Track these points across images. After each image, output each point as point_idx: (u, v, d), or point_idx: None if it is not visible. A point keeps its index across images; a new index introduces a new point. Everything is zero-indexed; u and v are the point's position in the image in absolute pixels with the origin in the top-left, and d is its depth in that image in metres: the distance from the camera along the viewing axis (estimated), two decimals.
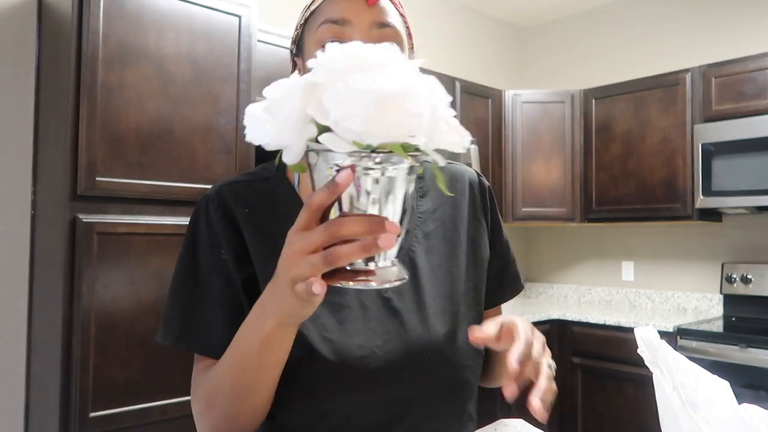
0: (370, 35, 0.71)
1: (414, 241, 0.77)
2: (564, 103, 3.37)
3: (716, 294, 3.10)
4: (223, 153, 1.97)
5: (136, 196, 1.77)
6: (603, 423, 2.86)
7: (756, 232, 2.99)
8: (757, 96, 2.69)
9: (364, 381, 0.68)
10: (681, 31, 3.33)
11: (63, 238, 1.67)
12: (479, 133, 3.23)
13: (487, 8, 3.82)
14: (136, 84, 1.79)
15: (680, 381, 0.62)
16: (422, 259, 0.76)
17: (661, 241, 3.34)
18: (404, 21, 0.77)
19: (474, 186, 0.85)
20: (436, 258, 0.77)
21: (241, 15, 2.03)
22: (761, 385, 2.35)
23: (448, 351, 0.72)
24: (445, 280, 0.76)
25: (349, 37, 0.69)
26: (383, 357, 0.69)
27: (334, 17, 0.70)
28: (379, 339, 0.70)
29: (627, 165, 3.14)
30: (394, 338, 0.70)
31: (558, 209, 3.35)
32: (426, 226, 0.78)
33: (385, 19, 0.72)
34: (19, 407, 1.96)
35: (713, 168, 2.76)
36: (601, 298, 3.58)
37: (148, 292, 1.77)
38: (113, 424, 1.69)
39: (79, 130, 1.68)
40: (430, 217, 0.79)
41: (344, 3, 0.70)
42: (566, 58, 3.88)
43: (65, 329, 1.65)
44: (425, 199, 0.80)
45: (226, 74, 1.99)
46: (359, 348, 0.69)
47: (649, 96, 3.06)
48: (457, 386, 0.74)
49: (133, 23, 1.78)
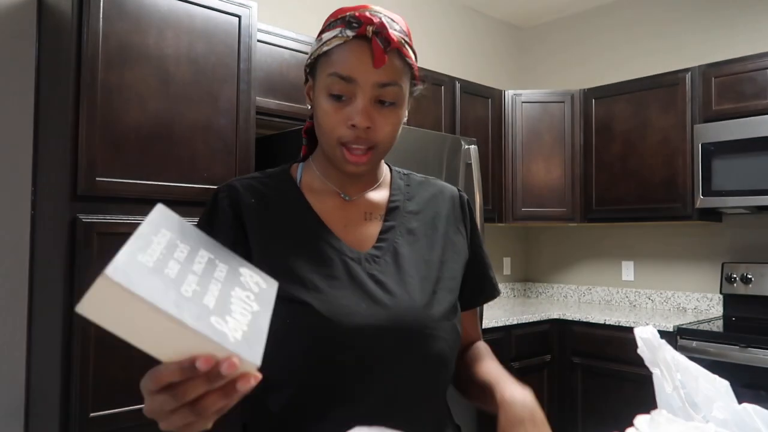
0: (372, 93, 0.78)
1: (398, 235, 0.87)
2: (564, 103, 3.37)
3: (716, 294, 3.10)
4: (223, 153, 1.97)
5: (136, 196, 1.77)
6: (603, 423, 2.86)
7: (756, 232, 2.99)
8: (757, 96, 2.69)
9: (346, 335, 0.75)
10: (681, 31, 3.33)
11: (63, 238, 1.67)
12: (479, 133, 3.23)
13: (488, 8, 3.82)
14: (136, 84, 1.78)
15: (680, 381, 0.62)
16: (405, 249, 0.86)
17: (661, 241, 3.34)
18: (411, 67, 0.83)
19: (454, 199, 0.97)
20: (417, 249, 0.87)
21: (241, 15, 2.03)
22: (761, 385, 2.35)
23: (425, 317, 0.80)
24: (423, 264, 0.86)
25: (352, 94, 0.78)
26: (367, 315, 0.77)
27: (343, 73, 0.77)
28: (364, 302, 0.78)
29: (627, 165, 3.14)
30: (377, 301, 0.78)
31: (558, 209, 3.35)
32: (410, 223, 0.89)
33: (390, 79, 0.78)
34: (19, 407, 1.96)
35: (713, 168, 2.76)
36: (601, 298, 3.58)
37: None
38: (113, 425, 1.69)
39: (79, 130, 1.68)
40: (414, 217, 0.90)
41: (354, 60, 0.77)
42: (566, 58, 3.88)
43: (65, 329, 1.65)
44: (411, 202, 0.92)
45: (226, 74, 1.99)
46: (346, 306, 0.77)
47: (649, 96, 3.06)
48: (432, 357, 0.80)
49: (133, 23, 1.78)
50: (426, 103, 2.97)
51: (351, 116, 0.77)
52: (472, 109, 3.22)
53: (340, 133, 0.78)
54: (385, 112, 0.79)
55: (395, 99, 0.80)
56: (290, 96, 2.30)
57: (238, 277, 0.57)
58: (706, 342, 2.53)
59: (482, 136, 3.24)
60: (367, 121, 0.77)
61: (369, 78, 0.77)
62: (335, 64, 0.78)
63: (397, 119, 0.81)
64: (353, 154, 0.79)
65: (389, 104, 0.80)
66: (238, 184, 0.85)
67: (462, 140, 2.52)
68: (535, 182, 3.37)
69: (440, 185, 0.98)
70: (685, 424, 0.57)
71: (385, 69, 0.77)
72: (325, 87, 0.79)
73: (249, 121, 2.03)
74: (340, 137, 0.79)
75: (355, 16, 0.78)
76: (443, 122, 3.04)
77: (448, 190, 0.97)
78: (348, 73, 0.77)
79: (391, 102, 0.80)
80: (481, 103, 3.28)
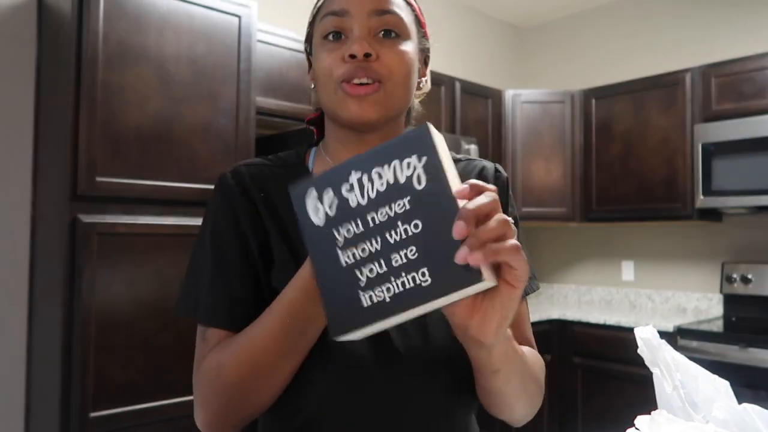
0: (369, 24, 0.71)
1: None
2: (564, 103, 3.37)
3: (716, 294, 3.10)
4: (223, 153, 1.97)
5: (136, 196, 1.77)
6: (603, 423, 2.86)
7: (756, 232, 2.99)
8: (757, 96, 2.69)
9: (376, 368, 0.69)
10: (681, 31, 3.33)
11: (63, 238, 1.67)
12: (479, 133, 3.23)
13: (487, 8, 3.82)
14: (136, 84, 1.79)
15: (680, 381, 0.62)
16: None
17: (661, 241, 3.34)
18: (412, 8, 0.77)
19: (499, 179, 0.83)
20: None
21: (241, 15, 2.03)
22: (761, 385, 2.35)
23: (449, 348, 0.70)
24: None
25: (349, 27, 0.71)
26: (398, 345, 0.70)
27: (335, 9, 0.72)
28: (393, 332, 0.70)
29: (627, 165, 3.14)
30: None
31: (558, 209, 3.35)
32: None
33: (385, 6, 0.72)
34: (19, 407, 1.96)
35: (713, 168, 2.76)
36: (601, 298, 3.58)
37: (148, 292, 1.78)
38: (113, 425, 1.69)
39: (79, 130, 1.68)
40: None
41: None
42: (566, 58, 3.88)
43: (65, 329, 1.65)
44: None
45: (226, 74, 1.99)
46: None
47: (649, 96, 3.06)
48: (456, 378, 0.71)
49: (133, 23, 1.78)
50: (426, 103, 2.97)
51: (349, 49, 0.69)
52: (472, 109, 3.22)
53: (339, 72, 0.69)
54: (389, 44, 0.71)
55: (398, 29, 0.72)
56: (290, 96, 2.30)
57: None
58: (706, 342, 2.53)
59: (482, 136, 3.24)
60: (366, 47, 0.68)
61: (363, 7, 0.70)
62: (328, 5, 0.73)
63: (405, 52, 0.72)
64: (355, 89, 0.69)
65: (394, 36, 0.72)
66: (244, 172, 0.76)
67: (462, 140, 2.52)
68: (535, 182, 3.37)
69: (480, 164, 0.85)
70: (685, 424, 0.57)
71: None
72: (320, 33, 0.73)
73: (249, 121, 2.03)
74: (339, 75, 0.69)
75: None
76: (443, 122, 3.04)
77: (488, 169, 0.84)
78: (340, 6, 0.71)
79: (396, 33, 0.72)
80: (480, 103, 3.28)
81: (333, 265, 0.51)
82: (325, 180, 0.52)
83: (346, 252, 0.50)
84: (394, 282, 0.48)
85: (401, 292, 0.48)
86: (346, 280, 0.50)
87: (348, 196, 0.51)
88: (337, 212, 0.51)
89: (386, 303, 0.48)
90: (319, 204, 0.52)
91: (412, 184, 0.49)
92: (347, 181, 0.51)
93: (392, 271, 0.48)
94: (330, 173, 0.52)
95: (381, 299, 0.49)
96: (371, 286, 0.49)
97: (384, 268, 0.49)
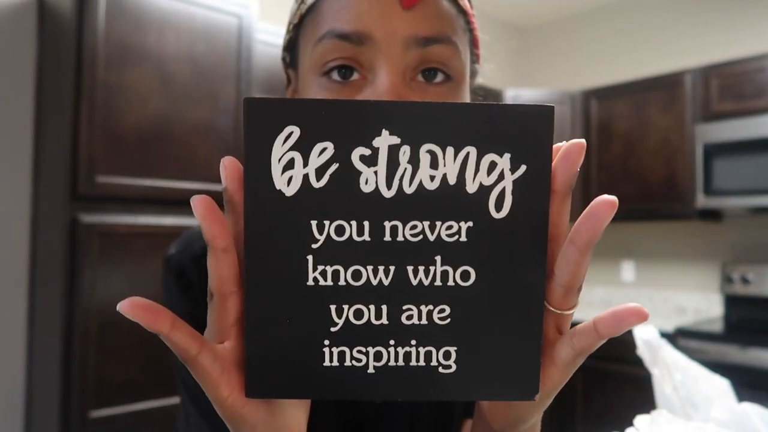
0: (404, 60, 0.42)
1: None
2: (564, 104, 3.37)
3: (716, 294, 3.10)
4: (223, 153, 1.97)
5: (136, 196, 1.78)
6: (603, 423, 2.86)
7: (756, 232, 2.99)
8: (757, 96, 2.69)
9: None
10: (681, 31, 3.33)
11: (63, 238, 1.67)
12: None
13: (487, 8, 3.82)
14: (136, 84, 1.79)
15: (680, 381, 0.62)
16: None
17: (661, 241, 3.34)
18: (469, 23, 0.51)
19: None
20: None
21: (241, 15, 2.03)
22: (761, 385, 2.35)
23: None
24: None
25: (368, 62, 0.43)
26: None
27: (345, 29, 0.43)
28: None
29: (627, 165, 3.14)
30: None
31: None
32: None
33: (434, 31, 0.43)
34: (19, 407, 1.96)
35: (713, 168, 2.76)
36: (601, 298, 3.58)
37: (148, 292, 1.78)
38: (113, 424, 1.69)
39: (79, 130, 1.68)
40: None
41: (362, 2, 0.43)
42: (566, 58, 3.88)
43: (65, 329, 1.65)
44: None
45: (226, 74, 1.99)
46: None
47: (650, 96, 3.06)
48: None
49: (134, 23, 1.78)
50: None
51: None
52: None
53: None
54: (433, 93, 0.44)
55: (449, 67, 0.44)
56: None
57: None
58: (706, 342, 2.53)
59: None
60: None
61: (397, 30, 0.42)
62: (330, 16, 0.44)
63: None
64: None
65: (442, 78, 0.44)
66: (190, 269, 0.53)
67: None
68: None
69: None
70: (685, 424, 0.57)
71: (424, 10, 0.43)
72: (316, 63, 0.45)
73: None
74: None
75: None
76: None
77: None
78: (356, 26, 0.42)
79: (445, 74, 0.44)
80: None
81: (290, 276, 0.29)
82: (328, 120, 0.28)
83: (323, 265, 0.29)
84: (394, 349, 0.29)
85: (399, 368, 0.29)
86: (307, 312, 0.29)
87: (361, 169, 0.28)
88: (330, 187, 0.28)
89: (366, 375, 0.29)
90: (298, 157, 0.28)
91: (486, 202, 0.29)
92: (369, 143, 0.28)
93: (396, 329, 0.29)
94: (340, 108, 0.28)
95: (360, 366, 0.29)
96: (349, 340, 0.29)
97: (384, 319, 0.29)
